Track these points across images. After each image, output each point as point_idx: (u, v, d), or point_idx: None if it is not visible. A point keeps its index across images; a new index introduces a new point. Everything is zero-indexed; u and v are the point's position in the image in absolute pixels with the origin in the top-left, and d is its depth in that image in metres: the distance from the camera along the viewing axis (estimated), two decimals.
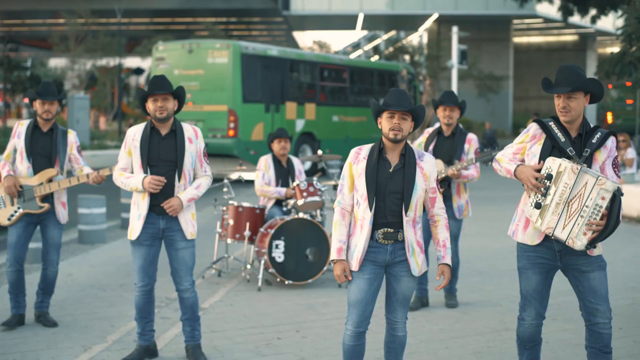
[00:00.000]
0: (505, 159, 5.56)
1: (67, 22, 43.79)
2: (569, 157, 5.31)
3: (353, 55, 57.75)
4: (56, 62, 69.36)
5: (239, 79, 21.05)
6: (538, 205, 5.30)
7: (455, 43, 24.84)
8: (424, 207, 5.46)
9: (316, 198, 9.54)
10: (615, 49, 68.72)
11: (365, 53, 55.01)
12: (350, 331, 5.38)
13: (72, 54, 44.53)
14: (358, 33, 58.83)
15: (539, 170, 5.38)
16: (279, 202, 10.14)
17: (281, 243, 9.19)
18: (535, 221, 5.33)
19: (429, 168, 5.35)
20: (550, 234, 5.25)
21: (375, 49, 53.15)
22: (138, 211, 6.42)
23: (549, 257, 5.41)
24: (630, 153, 16.80)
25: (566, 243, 5.21)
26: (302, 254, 9.24)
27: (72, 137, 7.63)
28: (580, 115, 5.39)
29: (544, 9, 45.37)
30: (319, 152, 10.16)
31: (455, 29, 24.83)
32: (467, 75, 43.63)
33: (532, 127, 5.53)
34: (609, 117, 45.56)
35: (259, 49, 22.32)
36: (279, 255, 9.18)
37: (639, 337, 7.36)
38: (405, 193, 5.26)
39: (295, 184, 9.59)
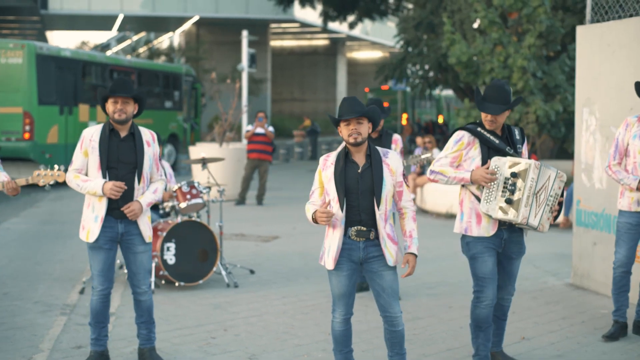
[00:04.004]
0: (449, 170, 6.23)
1: None
2: (509, 155, 6.13)
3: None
4: None
5: (34, 80, 20.33)
6: (509, 201, 6.01)
7: (245, 47, 25.22)
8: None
9: (199, 200, 9.67)
10: (362, 54, 71.51)
11: (116, 54, 54.10)
12: (339, 318, 5.81)
13: None
14: (112, 34, 57.79)
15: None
16: (155, 206, 10.15)
17: (172, 245, 9.25)
18: (503, 214, 6.03)
19: (394, 164, 5.75)
20: (525, 223, 6.02)
21: (134, 49, 52.45)
22: (94, 213, 6.35)
23: (497, 245, 6.22)
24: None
25: (537, 229, 6.07)
26: (192, 255, 9.33)
27: None
28: None
29: (301, 14, 46.80)
30: (202, 154, 10.26)
31: (245, 32, 25.22)
32: (222, 78, 44.12)
33: (465, 136, 6.25)
34: None
35: (53, 50, 21.67)
36: (170, 257, 9.23)
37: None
38: (376, 189, 5.64)
39: (177, 186, 9.65)
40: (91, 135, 6.40)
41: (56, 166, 6.65)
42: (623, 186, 7.28)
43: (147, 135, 6.51)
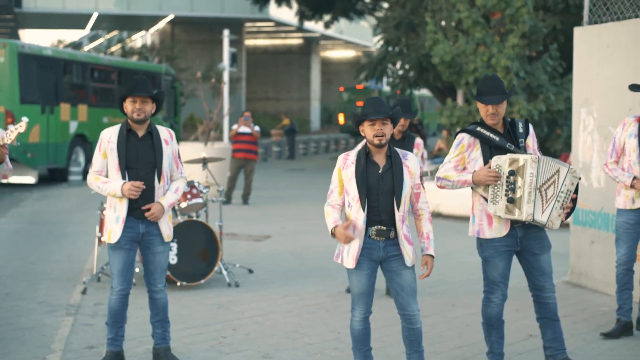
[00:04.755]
0: (453, 174, 6.21)
1: None
2: (510, 152, 6.10)
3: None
4: None
5: (16, 79, 20.22)
6: (511, 200, 6.03)
7: (226, 46, 25.22)
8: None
9: (199, 200, 9.70)
10: (336, 53, 71.36)
11: (88, 52, 53.80)
12: (358, 317, 5.89)
13: None
14: (86, 32, 57.44)
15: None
16: None
17: (174, 245, 9.26)
18: (509, 214, 6.04)
19: (413, 166, 5.84)
20: (531, 220, 6.01)
21: (107, 48, 52.19)
22: (115, 214, 6.37)
23: (511, 244, 6.20)
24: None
25: (546, 226, 6.06)
26: (193, 255, 9.35)
27: None
28: None
29: (277, 13, 46.78)
30: (203, 154, 10.28)
31: (226, 32, 25.22)
32: (206, 77, 44.02)
33: (465, 138, 6.25)
34: (341, 118, 48.04)
35: (34, 48, 21.56)
36: (172, 257, 9.25)
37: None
38: (397, 191, 5.73)
39: None
40: (109, 136, 6.41)
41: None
42: (619, 184, 7.44)
43: (165, 133, 6.52)
